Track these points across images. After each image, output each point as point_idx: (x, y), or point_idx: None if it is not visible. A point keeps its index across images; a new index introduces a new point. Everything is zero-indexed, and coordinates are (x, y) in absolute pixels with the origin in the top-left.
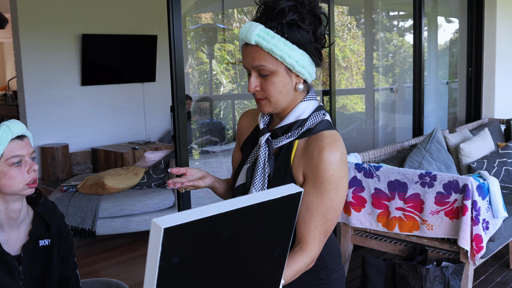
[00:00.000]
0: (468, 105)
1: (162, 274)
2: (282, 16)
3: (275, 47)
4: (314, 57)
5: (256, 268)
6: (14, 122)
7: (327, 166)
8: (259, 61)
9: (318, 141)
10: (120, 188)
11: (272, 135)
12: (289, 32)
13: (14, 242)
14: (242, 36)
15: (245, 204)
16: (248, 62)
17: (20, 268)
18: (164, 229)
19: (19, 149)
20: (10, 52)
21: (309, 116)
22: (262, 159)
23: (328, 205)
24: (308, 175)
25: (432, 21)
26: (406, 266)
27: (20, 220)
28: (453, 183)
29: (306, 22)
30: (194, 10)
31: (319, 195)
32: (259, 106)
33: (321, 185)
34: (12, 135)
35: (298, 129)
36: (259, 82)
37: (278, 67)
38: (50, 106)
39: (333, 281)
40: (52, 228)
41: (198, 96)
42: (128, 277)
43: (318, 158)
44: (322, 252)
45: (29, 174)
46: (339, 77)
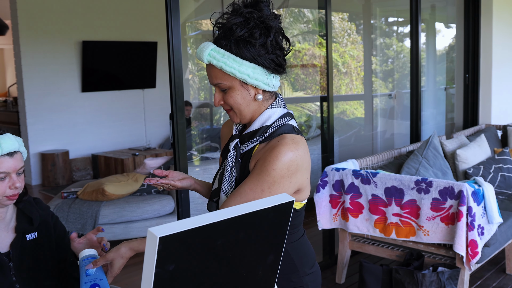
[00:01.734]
0: (465, 111)
1: (158, 281)
2: (230, 34)
3: (224, 65)
4: (267, 68)
5: (249, 275)
6: (6, 138)
7: (273, 159)
8: (215, 78)
9: (276, 140)
10: (120, 195)
11: (241, 141)
12: (236, 49)
13: (3, 241)
14: (197, 57)
15: (238, 213)
16: (209, 79)
17: (11, 264)
18: (159, 238)
19: (6, 167)
20: (11, 59)
21: (274, 122)
22: (230, 163)
23: (257, 195)
24: (256, 164)
25: (430, 27)
26: (403, 271)
27: (8, 220)
28: (449, 189)
29: (256, 35)
30: (194, 17)
31: (254, 181)
32: (230, 117)
33: (260, 173)
34: (1, 152)
35: (262, 135)
36: (222, 96)
37: (232, 82)
38: (51, 113)
39: (305, 283)
40: (35, 221)
41: (198, 102)
42: (128, 283)
43: (269, 152)
44: (292, 255)
45: (10, 189)
46: (339, 82)
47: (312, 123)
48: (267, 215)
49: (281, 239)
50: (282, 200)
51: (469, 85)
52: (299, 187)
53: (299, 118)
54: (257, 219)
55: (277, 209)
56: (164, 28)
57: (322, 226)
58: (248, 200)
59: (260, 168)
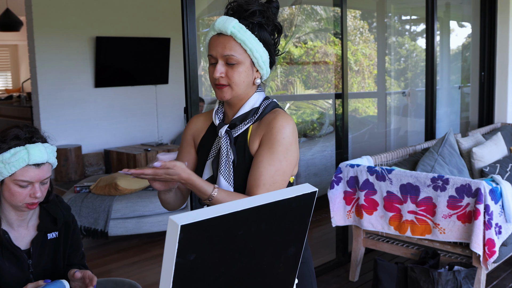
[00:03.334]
0: (480, 109)
1: (178, 271)
2: (253, 17)
3: (247, 40)
4: (271, 58)
5: (270, 267)
6: (36, 148)
7: (280, 129)
8: (229, 50)
9: (272, 114)
10: (133, 189)
11: (230, 126)
12: (258, 31)
13: (24, 238)
14: (218, 26)
15: (260, 203)
16: (218, 50)
17: (30, 262)
18: (181, 226)
19: (29, 176)
20: (25, 55)
21: (261, 103)
22: (225, 148)
23: (277, 166)
24: (262, 140)
25: (445, 26)
26: (418, 269)
27: (28, 218)
28: (466, 187)
29: (269, 27)
30: (207, 14)
31: (270, 155)
32: (220, 93)
33: (273, 146)
34: (28, 162)
35: (254, 116)
36: (225, 70)
37: (245, 59)
38: (64, 108)
39: (307, 258)
40: (59, 221)
41: (211, 98)
42: (140, 278)
43: (272, 123)
44: None
45: (30, 197)
46: (350, 80)
47: (324, 121)
48: (289, 206)
49: (303, 231)
50: (305, 190)
51: (484, 83)
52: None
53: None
54: (279, 209)
55: (300, 199)
56: (177, 24)
57: (336, 223)
58: (271, 175)
59: (270, 141)
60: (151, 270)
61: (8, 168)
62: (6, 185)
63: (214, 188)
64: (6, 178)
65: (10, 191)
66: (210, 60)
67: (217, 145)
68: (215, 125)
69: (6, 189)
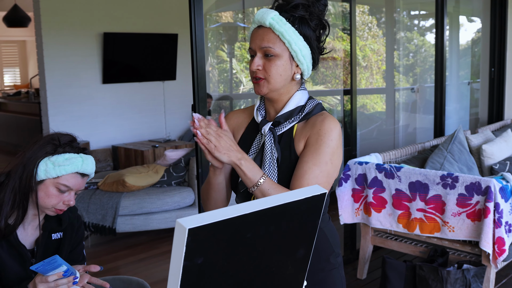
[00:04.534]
0: (490, 105)
1: (186, 274)
2: (294, 10)
3: (285, 32)
4: (314, 54)
5: (279, 269)
6: (90, 161)
7: (328, 131)
8: (267, 42)
9: (319, 116)
10: (141, 186)
11: (274, 124)
12: (299, 24)
13: (30, 237)
14: (258, 18)
15: (269, 206)
16: (256, 43)
17: (33, 261)
18: (188, 230)
19: (73, 183)
20: (33, 50)
21: (306, 102)
22: (269, 146)
23: (322, 167)
24: (309, 140)
25: (454, 21)
26: (427, 268)
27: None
28: (476, 184)
29: (313, 22)
30: (215, 9)
31: (316, 156)
32: (257, 87)
33: (320, 147)
34: (77, 170)
35: (299, 114)
36: (262, 63)
37: (283, 52)
38: (72, 104)
39: (339, 264)
40: (64, 222)
41: (218, 94)
42: (147, 275)
43: (320, 124)
44: (328, 236)
45: (63, 204)
46: (358, 76)
47: None
48: (299, 208)
49: (312, 233)
50: (314, 192)
51: (494, 79)
52: None
53: None
54: (288, 211)
55: (309, 201)
56: (184, 20)
57: (344, 220)
58: (316, 175)
59: (317, 143)
60: (159, 267)
61: (57, 170)
62: (45, 186)
63: (262, 175)
64: (49, 179)
65: (47, 192)
66: (250, 53)
67: (258, 142)
68: (256, 121)
69: (43, 189)
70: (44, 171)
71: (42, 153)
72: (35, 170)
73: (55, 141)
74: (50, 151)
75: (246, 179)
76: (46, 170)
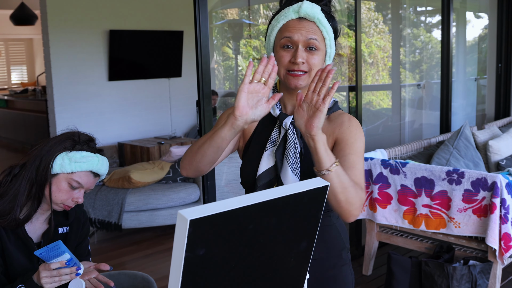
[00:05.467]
0: (497, 101)
1: (187, 266)
2: (325, 6)
3: (328, 28)
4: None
5: (281, 262)
6: (105, 162)
7: (358, 128)
8: (313, 33)
9: (341, 115)
10: (146, 182)
11: None
12: (331, 21)
13: (37, 231)
14: (306, 10)
15: (271, 197)
16: (302, 33)
17: None
18: (190, 221)
19: (85, 181)
20: (39, 48)
21: None
22: (292, 139)
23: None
24: (341, 137)
25: (461, 17)
26: (433, 264)
27: (47, 214)
28: (482, 180)
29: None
30: (220, 6)
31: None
32: (295, 80)
33: (356, 141)
34: (92, 169)
35: None
36: (306, 56)
37: (322, 46)
38: (78, 101)
39: (349, 260)
40: (70, 216)
41: (224, 91)
42: (153, 270)
43: (349, 122)
44: (340, 231)
45: (72, 201)
46: (364, 73)
47: None
48: (301, 200)
49: (314, 225)
50: (316, 184)
51: (501, 75)
52: None
53: None
54: (290, 204)
55: (311, 193)
56: (190, 17)
57: None
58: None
59: (353, 137)
60: (164, 262)
61: (73, 166)
62: (59, 179)
63: (336, 161)
64: (62, 174)
65: (59, 187)
66: (285, 43)
67: (276, 135)
68: (271, 114)
69: (56, 182)
70: (60, 165)
71: (60, 147)
72: (52, 163)
73: (75, 138)
74: (68, 146)
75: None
76: (62, 165)
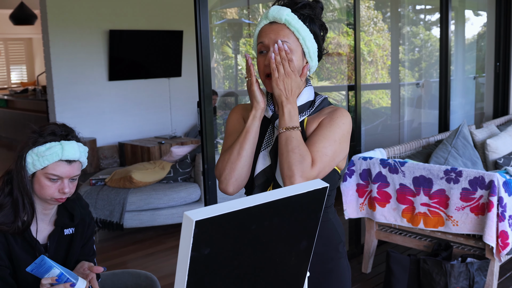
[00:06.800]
0: (495, 100)
1: (193, 264)
2: (304, 9)
3: (300, 28)
4: (319, 52)
5: (282, 260)
6: (70, 145)
7: (340, 116)
8: (283, 37)
9: (330, 108)
10: (147, 182)
11: None
12: (310, 22)
13: (43, 232)
14: (272, 14)
15: (272, 199)
16: (271, 37)
17: (47, 255)
18: (195, 222)
19: (61, 171)
20: (39, 48)
21: (315, 97)
22: None
23: (331, 142)
24: (321, 122)
25: (460, 15)
26: (431, 261)
27: (51, 214)
28: (479, 179)
29: (317, 24)
30: (220, 6)
31: (327, 132)
32: (270, 84)
33: (331, 126)
34: (61, 157)
35: (310, 108)
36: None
37: (297, 48)
38: (79, 101)
39: (345, 253)
40: (76, 218)
41: (223, 91)
42: (155, 269)
43: (333, 111)
44: (336, 226)
45: (59, 193)
46: (364, 71)
47: None
48: (301, 201)
49: (314, 225)
50: (316, 186)
51: (500, 74)
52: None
53: None
54: (291, 204)
55: (311, 194)
56: (189, 16)
57: (348, 215)
58: (324, 145)
59: (329, 123)
60: (166, 261)
61: (41, 161)
62: (37, 178)
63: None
64: (38, 171)
65: (40, 184)
66: (260, 49)
67: (269, 135)
68: (265, 116)
69: (36, 181)
70: (32, 164)
71: (26, 146)
72: (24, 164)
73: (35, 133)
74: (31, 143)
75: (282, 119)
76: (33, 163)
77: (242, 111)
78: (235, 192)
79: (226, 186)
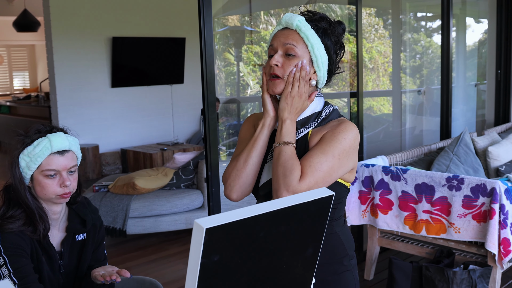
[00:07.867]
0: (496, 107)
1: (203, 271)
2: (320, 22)
3: (310, 36)
4: (330, 66)
5: (289, 267)
6: (57, 136)
7: (343, 130)
8: (292, 40)
9: (336, 121)
10: (150, 189)
11: None
12: (322, 34)
13: (55, 240)
14: (285, 19)
15: (280, 207)
16: (280, 40)
17: (61, 263)
18: (206, 229)
19: (56, 165)
20: (42, 54)
21: (323, 108)
22: None
23: (328, 158)
24: (323, 136)
25: (461, 22)
26: (433, 268)
27: (60, 219)
28: (481, 186)
29: (333, 38)
30: (222, 13)
31: (325, 147)
32: (272, 85)
33: (331, 141)
34: (51, 150)
35: (315, 120)
36: (282, 61)
37: (304, 54)
38: (81, 108)
39: (353, 266)
40: (88, 223)
41: (225, 97)
42: (158, 275)
43: (337, 125)
44: (342, 239)
45: (60, 188)
46: (365, 78)
47: None
48: (308, 209)
49: (320, 232)
50: (322, 194)
51: (501, 81)
52: (354, 165)
53: None
54: (298, 212)
55: (317, 203)
56: (192, 24)
57: (351, 222)
58: (320, 161)
59: (330, 138)
60: (169, 268)
61: (34, 160)
62: (36, 179)
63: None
64: (35, 172)
65: (40, 185)
66: (270, 53)
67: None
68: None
69: (37, 184)
70: (26, 167)
71: (16, 150)
72: (19, 171)
73: (21, 135)
74: (20, 146)
75: (279, 134)
76: (27, 165)
77: (254, 120)
78: (238, 199)
79: (230, 192)
